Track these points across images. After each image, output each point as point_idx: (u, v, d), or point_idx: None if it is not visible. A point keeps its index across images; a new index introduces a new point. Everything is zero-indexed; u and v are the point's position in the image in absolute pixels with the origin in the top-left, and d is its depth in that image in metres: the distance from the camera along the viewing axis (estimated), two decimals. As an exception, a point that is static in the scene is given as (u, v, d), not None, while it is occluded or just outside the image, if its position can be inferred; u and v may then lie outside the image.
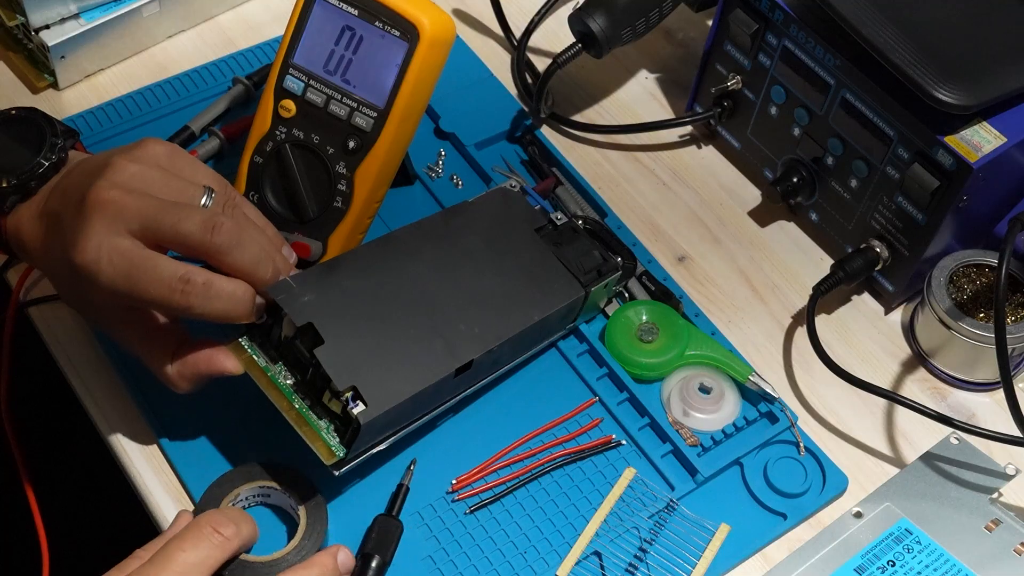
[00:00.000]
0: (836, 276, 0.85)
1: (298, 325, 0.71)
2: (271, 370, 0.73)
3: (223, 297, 0.69)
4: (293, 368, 0.73)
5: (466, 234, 0.80)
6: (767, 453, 0.79)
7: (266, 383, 0.73)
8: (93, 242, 0.67)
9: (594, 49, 0.90)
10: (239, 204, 0.73)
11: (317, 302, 0.72)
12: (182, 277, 0.68)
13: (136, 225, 0.68)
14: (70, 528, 1.15)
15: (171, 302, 0.68)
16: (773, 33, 0.87)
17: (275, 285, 0.72)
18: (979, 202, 0.82)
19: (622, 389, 0.82)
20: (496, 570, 0.74)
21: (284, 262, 0.73)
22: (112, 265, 0.67)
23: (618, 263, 0.83)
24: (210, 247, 0.69)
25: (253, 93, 0.93)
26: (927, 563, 0.75)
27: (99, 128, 0.92)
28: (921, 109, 0.79)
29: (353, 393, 0.70)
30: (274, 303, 0.72)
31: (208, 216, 0.69)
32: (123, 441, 0.79)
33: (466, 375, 0.75)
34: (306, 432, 0.71)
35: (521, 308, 0.78)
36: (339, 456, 0.71)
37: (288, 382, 0.73)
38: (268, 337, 0.73)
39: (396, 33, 0.77)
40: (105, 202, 0.68)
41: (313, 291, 0.73)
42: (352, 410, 0.70)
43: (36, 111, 0.76)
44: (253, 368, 0.73)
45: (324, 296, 0.73)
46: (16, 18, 0.93)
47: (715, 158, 0.97)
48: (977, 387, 0.85)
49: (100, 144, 0.91)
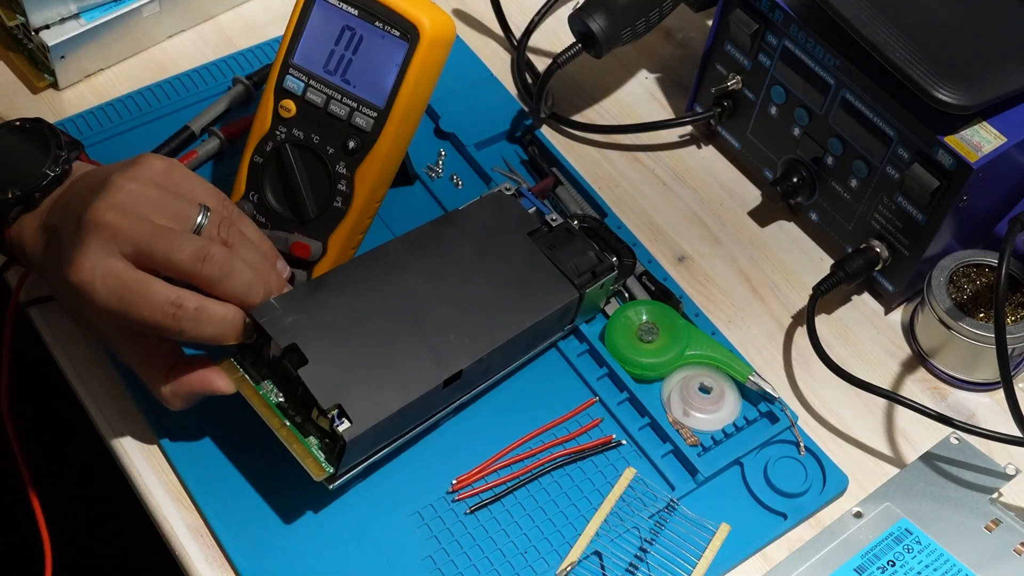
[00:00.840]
0: (836, 276, 0.85)
1: (282, 347, 0.72)
2: (262, 388, 0.74)
3: (215, 322, 0.70)
4: (283, 386, 0.74)
5: (457, 243, 0.80)
6: (767, 453, 0.79)
7: (258, 401, 0.73)
8: (88, 263, 0.68)
9: (594, 49, 0.90)
10: (235, 220, 0.74)
11: (302, 322, 0.73)
12: (174, 302, 0.69)
13: (130, 249, 0.69)
14: (70, 528, 1.15)
15: (163, 325, 0.69)
16: (773, 33, 0.87)
17: (260, 308, 0.73)
18: (979, 202, 0.82)
19: (622, 389, 0.82)
20: (496, 570, 0.74)
21: (277, 280, 0.74)
22: (106, 286, 0.68)
23: (613, 263, 0.83)
24: (201, 277, 0.70)
25: (253, 93, 0.93)
26: (927, 563, 0.75)
27: (99, 128, 0.92)
28: (921, 109, 0.79)
29: (338, 411, 0.71)
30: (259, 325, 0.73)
31: (199, 247, 0.70)
32: (123, 441, 0.79)
33: (457, 385, 0.76)
34: (296, 449, 0.72)
35: (512, 314, 0.78)
36: (328, 473, 0.72)
37: (278, 400, 0.74)
38: (259, 356, 0.74)
39: (396, 33, 0.77)
40: (101, 224, 0.69)
41: (298, 311, 0.73)
42: (338, 427, 0.70)
43: (42, 122, 0.77)
44: (244, 387, 0.74)
45: (309, 315, 0.73)
46: (16, 18, 0.93)
47: (715, 158, 0.97)
48: (977, 387, 0.85)
49: (100, 144, 0.91)
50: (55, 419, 1.15)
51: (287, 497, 0.76)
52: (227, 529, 0.75)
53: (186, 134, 0.90)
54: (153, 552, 0.82)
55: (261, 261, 0.74)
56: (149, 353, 0.73)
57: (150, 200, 0.71)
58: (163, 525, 0.76)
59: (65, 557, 0.85)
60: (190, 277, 0.70)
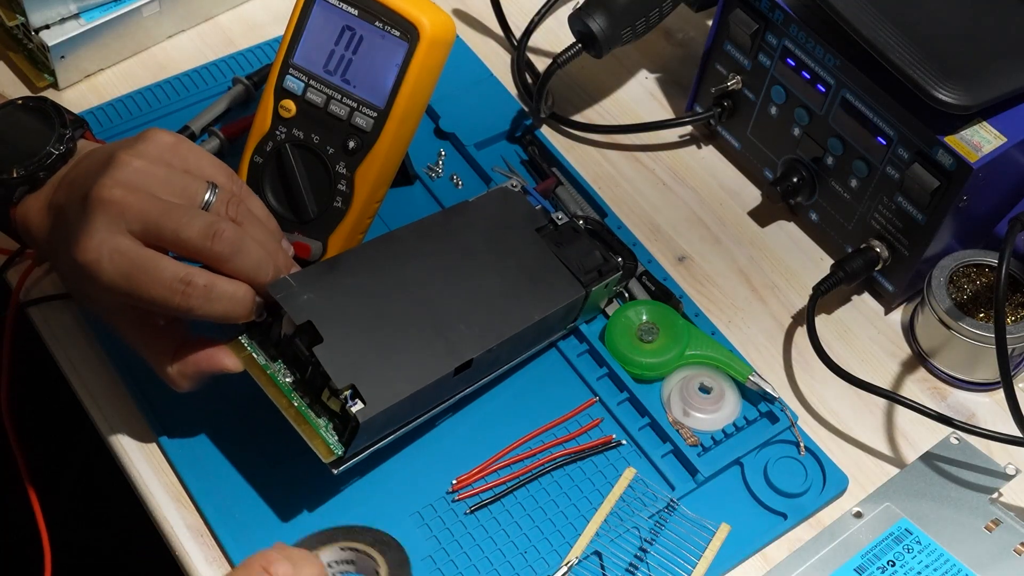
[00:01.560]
0: (836, 276, 0.85)
1: (297, 323, 0.71)
2: (270, 368, 0.73)
3: (224, 299, 0.69)
4: (292, 366, 0.73)
5: (467, 233, 0.80)
6: (767, 453, 0.79)
7: (265, 381, 0.73)
8: (95, 241, 0.67)
9: (594, 49, 0.90)
10: (244, 197, 0.73)
11: (317, 300, 0.72)
12: (183, 279, 0.68)
13: (137, 226, 0.68)
14: (71, 528, 1.15)
15: (172, 303, 0.68)
16: (773, 33, 0.87)
17: (275, 283, 0.72)
18: (979, 202, 0.82)
19: (622, 389, 0.82)
20: (496, 570, 0.74)
21: (285, 259, 0.74)
22: (113, 264, 0.67)
23: (619, 263, 0.83)
24: (210, 254, 0.69)
25: (253, 93, 0.93)
26: (927, 563, 0.75)
27: (99, 128, 0.92)
28: (921, 109, 0.79)
29: (352, 391, 0.70)
30: (274, 301, 0.72)
31: (208, 223, 0.69)
32: (123, 441, 0.79)
33: (466, 374, 0.75)
34: (305, 430, 0.71)
35: (521, 308, 0.78)
36: (337, 454, 0.71)
37: (287, 380, 0.73)
38: (268, 335, 0.74)
39: (396, 33, 0.77)
40: (108, 201, 0.68)
41: (313, 289, 0.73)
42: (351, 408, 0.70)
43: (45, 100, 0.76)
44: (252, 366, 0.73)
45: (324, 294, 0.73)
46: (16, 18, 0.93)
47: (715, 158, 0.97)
48: (977, 387, 0.85)
49: (100, 144, 0.91)
50: (55, 419, 1.15)
51: (287, 497, 0.76)
52: (227, 529, 0.75)
53: (186, 134, 0.90)
54: (153, 552, 0.82)
55: (270, 239, 0.73)
56: (155, 334, 0.73)
57: (157, 177, 0.70)
58: (163, 525, 0.76)
59: (65, 557, 0.85)
60: (199, 254, 0.69)
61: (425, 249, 0.79)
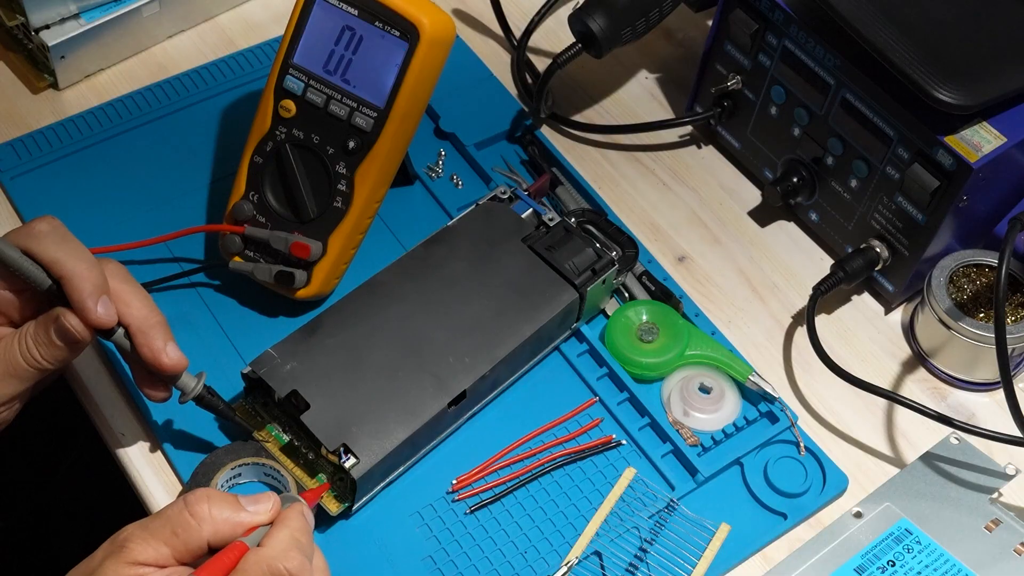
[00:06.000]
0: (836, 276, 0.85)
1: (281, 396, 0.73)
2: (274, 429, 0.75)
3: None
4: (294, 425, 0.75)
5: (449, 261, 0.81)
6: (767, 453, 0.79)
7: (271, 443, 0.75)
8: None
9: (594, 49, 0.90)
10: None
11: (299, 368, 0.74)
12: None
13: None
14: (70, 528, 1.15)
15: None
16: (773, 33, 0.87)
17: (258, 359, 0.74)
18: (979, 202, 0.82)
19: (622, 389, 0.82)
20: (496, 570, 0.74)
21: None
22: None
23: (613, 258, 0.83)
24: None
25: None
26: (927, 563, 0.75)
27: (99, 128, 0.92)
28: (921, 109, 0.79)
29: (344, 448, 0.72)
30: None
31: None
32: (123, 441, 0.79)
33: (464, 403, 0.77)
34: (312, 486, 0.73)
35: (512, 326, 0.78)
36: (344, 508, 0.73)
37: (289, 439, 0.75)
38: (271, 396, 0.75)
39: (396, 33, 0.77)
40: None
41: (296, 357, 0.75)
42: (345, 464, 0.71)
43: None
44: (260, 431, 0.75)
45: (307, 359, 0.75)
46: (16, 18, 0.93)
47: (715, 158, 0.97)
48: (977, 387, 0.85)
49: (100, 144, 0.91)
50: (55, 419, 1.15)
51: (287, 497, 0.76)
52: (227, 529, 0.75)
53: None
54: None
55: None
56: None
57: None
58: (163, 525, 0.76)
59: (65, 557, 0.86)
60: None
61: (407, 288, 0.79)
